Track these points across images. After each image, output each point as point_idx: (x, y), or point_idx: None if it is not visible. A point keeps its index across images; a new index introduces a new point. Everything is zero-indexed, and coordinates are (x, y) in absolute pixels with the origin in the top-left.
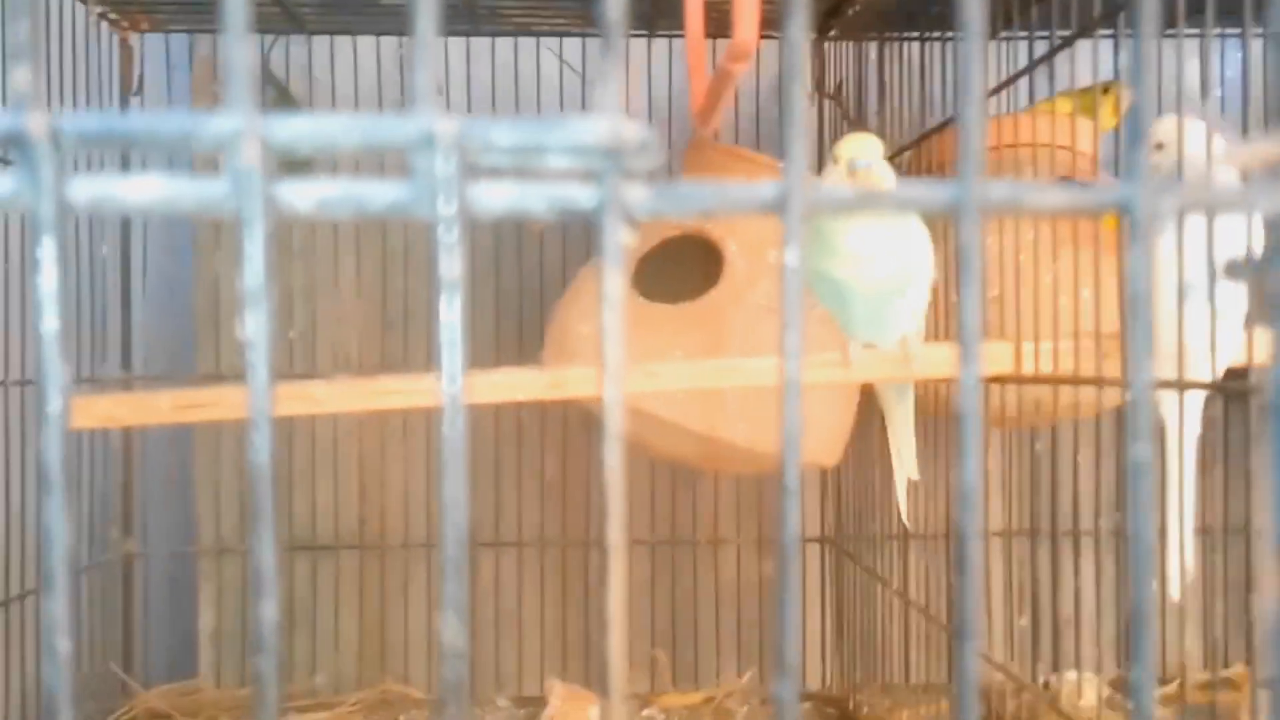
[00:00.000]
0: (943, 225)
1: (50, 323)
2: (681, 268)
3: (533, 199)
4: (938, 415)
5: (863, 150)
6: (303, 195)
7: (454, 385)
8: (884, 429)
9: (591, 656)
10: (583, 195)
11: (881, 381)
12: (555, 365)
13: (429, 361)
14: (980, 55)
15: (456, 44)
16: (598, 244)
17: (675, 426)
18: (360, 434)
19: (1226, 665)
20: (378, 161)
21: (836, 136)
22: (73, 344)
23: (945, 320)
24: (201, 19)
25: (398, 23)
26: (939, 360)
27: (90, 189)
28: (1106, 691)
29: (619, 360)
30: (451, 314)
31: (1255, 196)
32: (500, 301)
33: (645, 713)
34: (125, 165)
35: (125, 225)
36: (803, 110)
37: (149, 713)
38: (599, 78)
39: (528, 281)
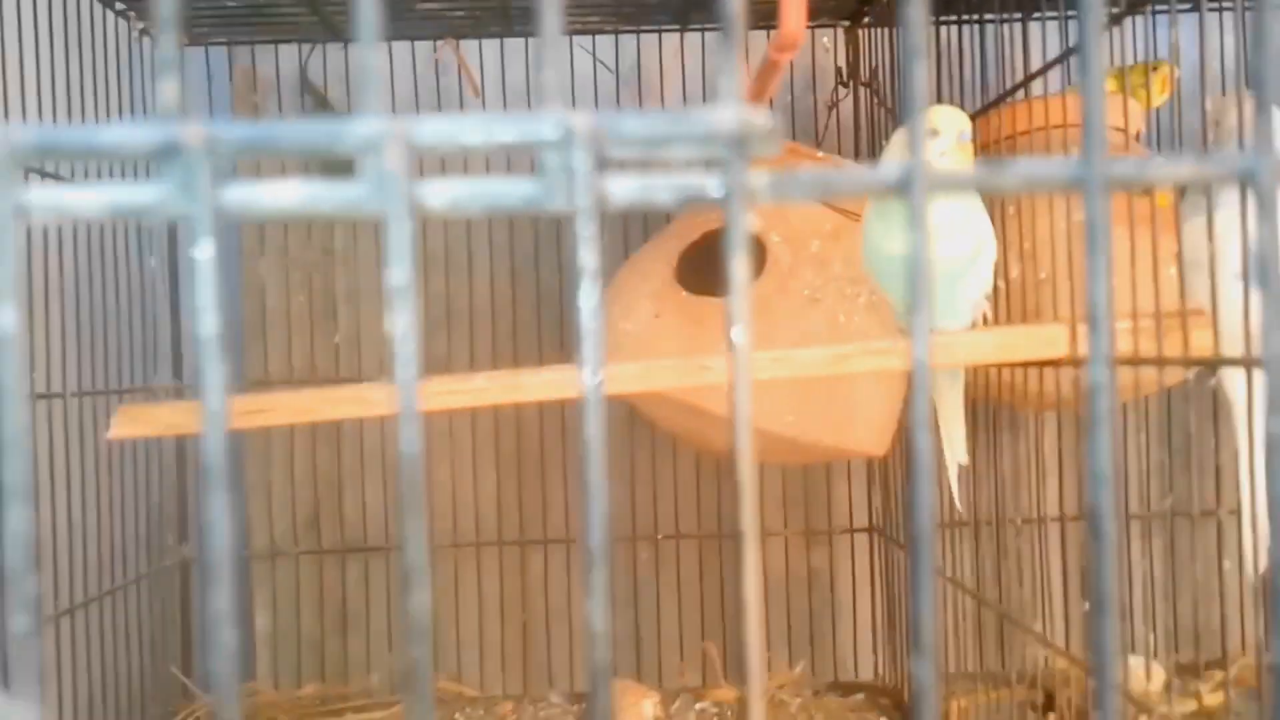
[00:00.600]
0: (999, 204)
1: (209, 326)
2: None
3: (660, 189)
4: (989, 402)
5: (964, 122)
6: (439, 194)
7: (595, 377)
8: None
9: (640, 649)
10: (709, 184)
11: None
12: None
13: (472, 362)
14: (1096, 34)
15: (491, 45)
16: (634, 237)
17: (724, 421)
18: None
19: None
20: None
21: (873, 124)
22: (139, 353)
23: (1006, 301)
24: (239, 31)
25: (431, 27)
26: (1011, 344)
27: (239, 195)
28: (1166, 677)
29: (747, 347)
30: (589, 302)
31: None
32: (542, 298)
33: (699, 706)
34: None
35: (172, 236)
36: (923, 90)
37: (209, 715)
38: (629, 75)
39: (568, 277)
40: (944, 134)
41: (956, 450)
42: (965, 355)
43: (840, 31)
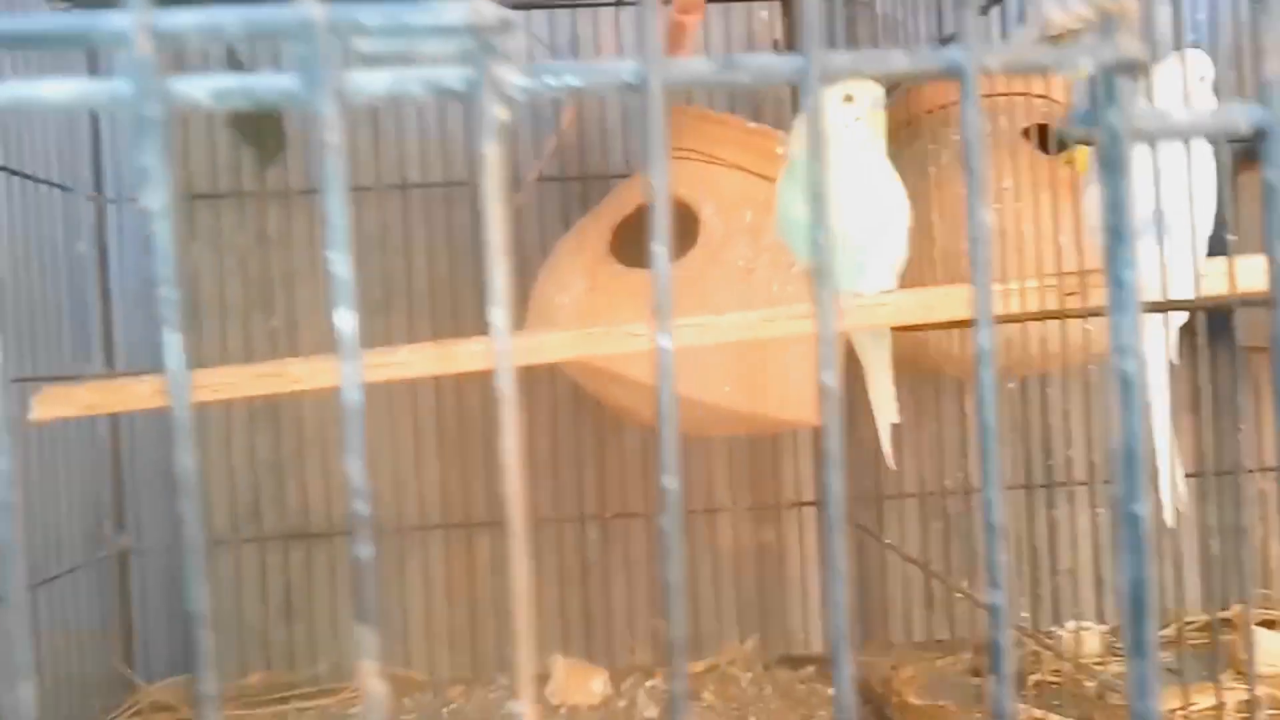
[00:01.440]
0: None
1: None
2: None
3: (410, 82)
4: (922, 369)
5: (877, 90)
6: (198, 87)
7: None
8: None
9: (591, 630)
10: (456, 76)
11: (858, 330)
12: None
13: (413, 342)
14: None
15: None
16: (574, 212)
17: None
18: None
19: (1224, 608)
20: None
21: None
22: (69, 341)
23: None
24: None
25: None
26: (928, 304)
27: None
28: (1108, 640)
29: (502, 270)
30: (336, 205)
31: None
32: (483, 276)
33: (649, 684)
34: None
35: (100, 222)
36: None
37: (153, 705)
38: (565, 52)
39: (514, 252)
40: (858, 101)
41: (887, 410)
42: (884, 316)
43: (778, 4)
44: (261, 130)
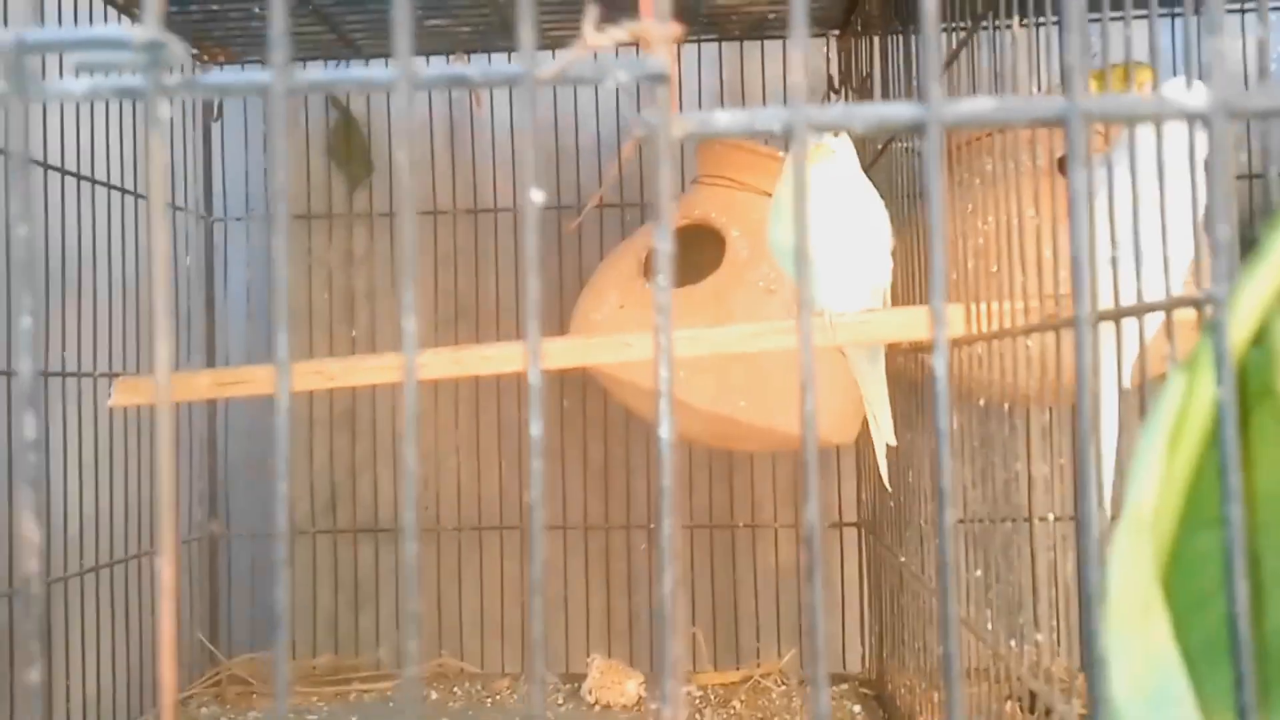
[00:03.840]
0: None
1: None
2: (701, 255)
3: (103, 87)
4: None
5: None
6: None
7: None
8: (914, 412)
9: (635, 634)
10: (136, 81)
11: (852, 349)
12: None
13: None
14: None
15: (499, 58)
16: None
17: (681, 404)
18: (419, 424)
19: None
20: None
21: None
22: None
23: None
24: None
25: (440, 42)
26: (905, 323)
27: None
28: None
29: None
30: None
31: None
32: (560, 292)
33: (686, 689)
34: None
35: (208, 239)
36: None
37: (231, 678)
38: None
39: (568, 276)
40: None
41: (884, 431)
42: (869, 334)
43: (832, 40)
44: (351, 157)
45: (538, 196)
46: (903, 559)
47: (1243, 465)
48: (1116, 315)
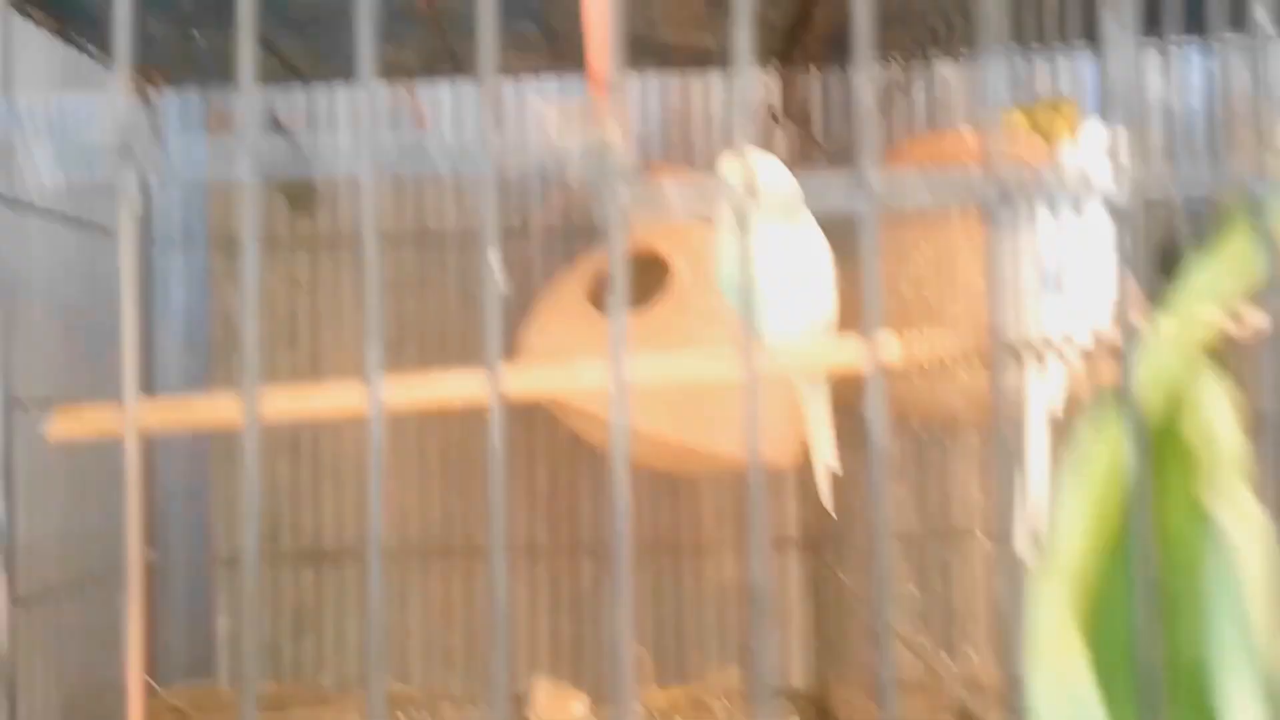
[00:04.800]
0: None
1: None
2: (645, 278)
3: (76, 164)
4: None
5: (774, 160)
6: None
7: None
8: (854, 434)
9: (579, 657)
10: (110, 162)
11: (793, 376)
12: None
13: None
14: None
15: (447, 86)
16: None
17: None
18: (357, 449)
19: None
20: None
21: (807, 162)
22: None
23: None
24: (213, 75)
25: (392, 70)
26: (844, 352)
27: None
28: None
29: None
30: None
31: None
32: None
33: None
34: None
35: (147, 261)
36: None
37: (169, 709)
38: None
39: (521, 299)
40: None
41: (825, 454)
42: (810, 365)
43: (773, 71)
44: (293, 181)
45: (496, 264)
46: (843, 576)
47: (1153, 503)
48: (1040, 347)
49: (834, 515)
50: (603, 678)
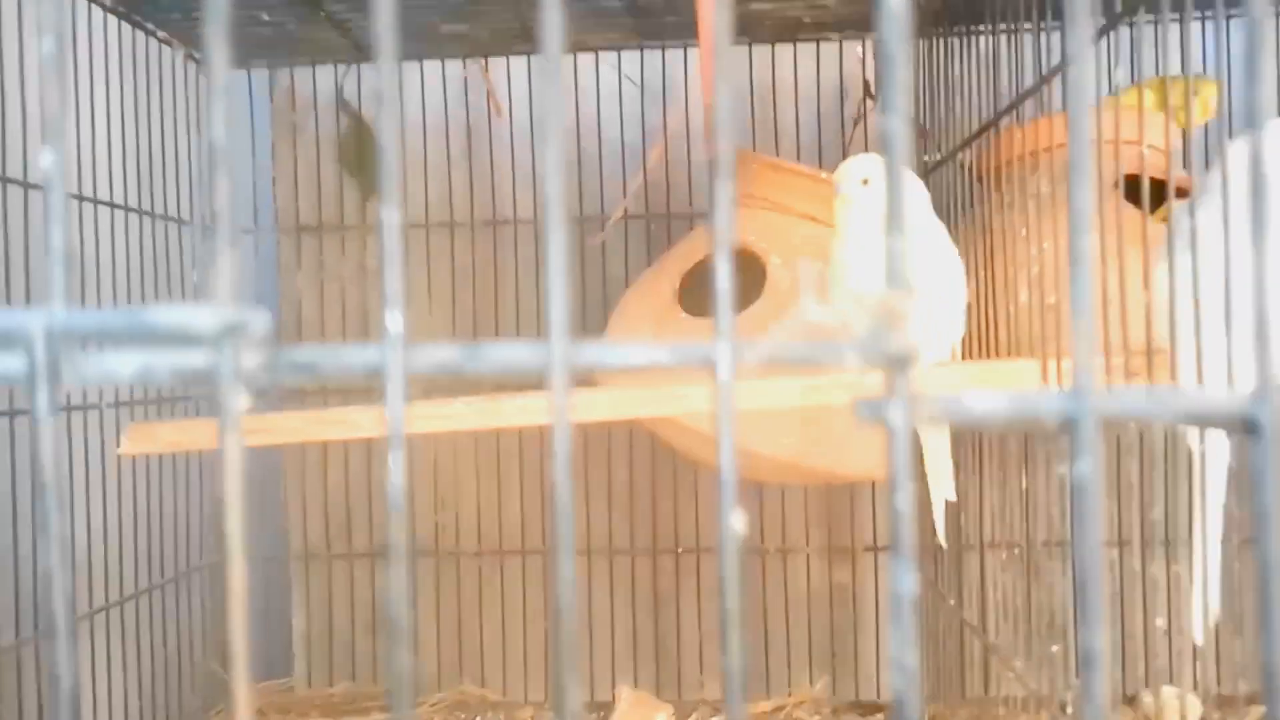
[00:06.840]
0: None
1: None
2: (738, 278)
3: (159, 367)
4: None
5: (846, 175)
6: None
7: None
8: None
9: (661, 662)
10: (202, 361)
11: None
12: (604, 384)
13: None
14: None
15: (518, 61)
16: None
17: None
18: (434, 446)
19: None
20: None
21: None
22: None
23: (1013, 327)
24: (278, 54)
25: (459, 47)
26: (983, 377)
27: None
28: (1201, 710)
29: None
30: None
31: None
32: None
33: (714, 719)
34: None
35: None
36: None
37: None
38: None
39: (599, 288)
40: (874, 183)
41: (943, 486)
42: (943, 389)
43: (869, 43)
44: (364, 165)
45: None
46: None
47: None
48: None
49: (945, 547)
50: (683, 678)
